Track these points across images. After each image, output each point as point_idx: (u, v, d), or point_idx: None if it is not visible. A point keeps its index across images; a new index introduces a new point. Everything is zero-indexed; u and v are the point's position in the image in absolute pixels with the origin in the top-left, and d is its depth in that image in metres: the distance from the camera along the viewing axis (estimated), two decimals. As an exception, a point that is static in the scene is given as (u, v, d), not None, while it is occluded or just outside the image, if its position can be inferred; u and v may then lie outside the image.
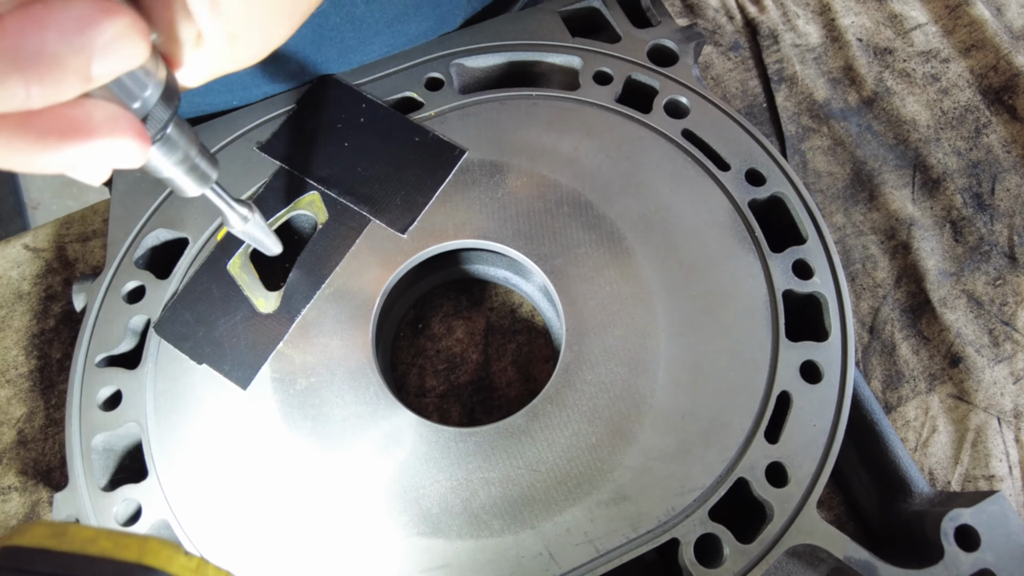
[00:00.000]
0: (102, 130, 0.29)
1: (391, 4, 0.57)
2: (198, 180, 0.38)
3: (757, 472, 0.47)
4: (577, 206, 0.54)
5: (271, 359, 0.51)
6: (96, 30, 0.26)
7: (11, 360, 0.61)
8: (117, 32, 0.27)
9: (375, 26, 0.58)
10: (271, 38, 0.35)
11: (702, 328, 0.50)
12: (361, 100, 0.58)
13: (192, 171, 0.37)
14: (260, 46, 0.35)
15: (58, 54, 0.25)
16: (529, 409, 0.49)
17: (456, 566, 0.46)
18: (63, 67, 0.26)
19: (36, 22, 0.25)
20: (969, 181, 0.65)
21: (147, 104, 0.32)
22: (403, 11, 0.58)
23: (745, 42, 0.73)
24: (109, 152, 0.29)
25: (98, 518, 0.48)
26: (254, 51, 0.35)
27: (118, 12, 0.27)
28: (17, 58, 0.25)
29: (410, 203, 0.55)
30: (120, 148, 0.30)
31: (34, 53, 0.25)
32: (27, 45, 0.25)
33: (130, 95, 0.31)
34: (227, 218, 0.43)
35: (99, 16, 0.26)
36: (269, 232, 0.48)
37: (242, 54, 0.34)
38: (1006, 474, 0.55)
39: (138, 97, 0.31)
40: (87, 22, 0.26)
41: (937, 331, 0.60)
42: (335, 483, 0.48)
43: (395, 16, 0.58)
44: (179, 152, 0.36)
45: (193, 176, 0.37)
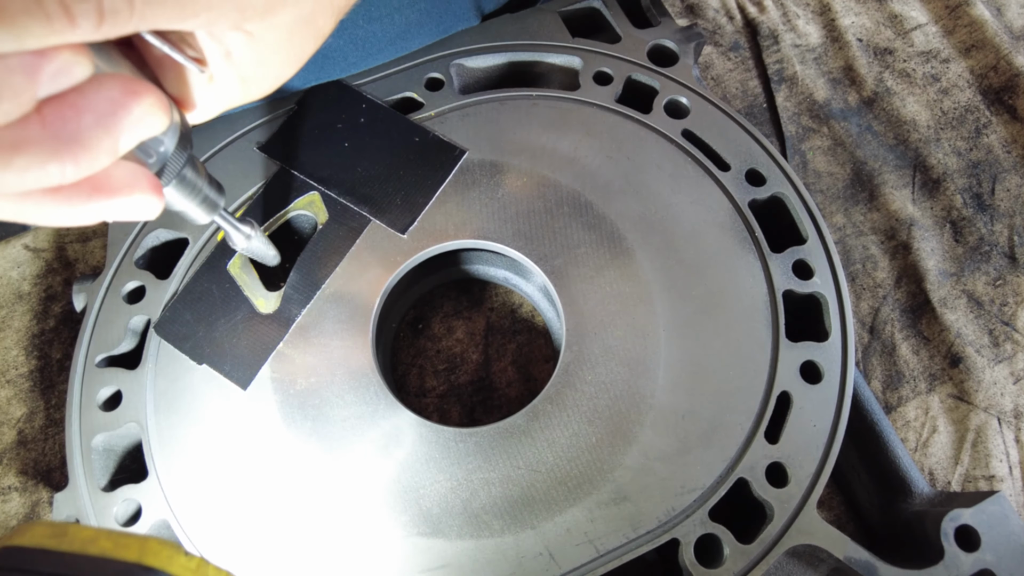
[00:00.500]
0: (122, 189, 0.31)
1: (393, 24, 0.57)
2: (208, 210, 0.41)
3: (757, 472, 0.47)
4: (577, 206, 0.54)
5: (271, 359, 0.51)
6: (125, 111, 0.29)
7: (11, 360, 0.62)
8: (143, 111, 0.29)
9: (377, 44, 0.58)
10: (280, 77, 0.37)
11: (702, 328, 0.50)
12: (361, 100, 0.58)
13: (203, 203, 0.40)
14: (270, 84, 0.37)
15: (92, 137, 0.28)
16: (529, 409, 0.49)
17: (456, 566, 0.46)
18: (97, 148, 0.28)
19: (74, 110, 0.27)
20: (969, 181, 0.65)
21: (163, 157, 0.35)
22: (405, 30, 0.58)
23: (745, 42, 0.73)
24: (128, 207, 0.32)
25: (98, 518, 0.48)
26: (264, 89, 0.37)
27: (144, 92, 0.29)
28: (57, 145, 0.27)
29: (410, 203, 0.55)
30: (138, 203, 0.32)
31: (71, 139, 0.27)
32: (65, 132, 0.27)
33: (147, 153, 0.34)
34: (231, 237, 0.47)
35: (128, 99, 0.28)
36: (270, 245, 0.51)
37: (252, 92, 0.36)
38: (1006, 474, 0.55)
39: (154, 153, 0.34)
40: (118, 105, 0.28)
41: (937, 331, 0.60)
42: (335, 483, 0.48)
43: (397, 35, 0.58)
44: (191, 188, 0.39)
45: (204, 207, 0.40)
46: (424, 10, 0.58)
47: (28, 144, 0.26)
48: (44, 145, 0.27)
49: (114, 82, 0.29)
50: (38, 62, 0.25)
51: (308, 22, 0.35)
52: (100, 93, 0.28)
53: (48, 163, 0.27)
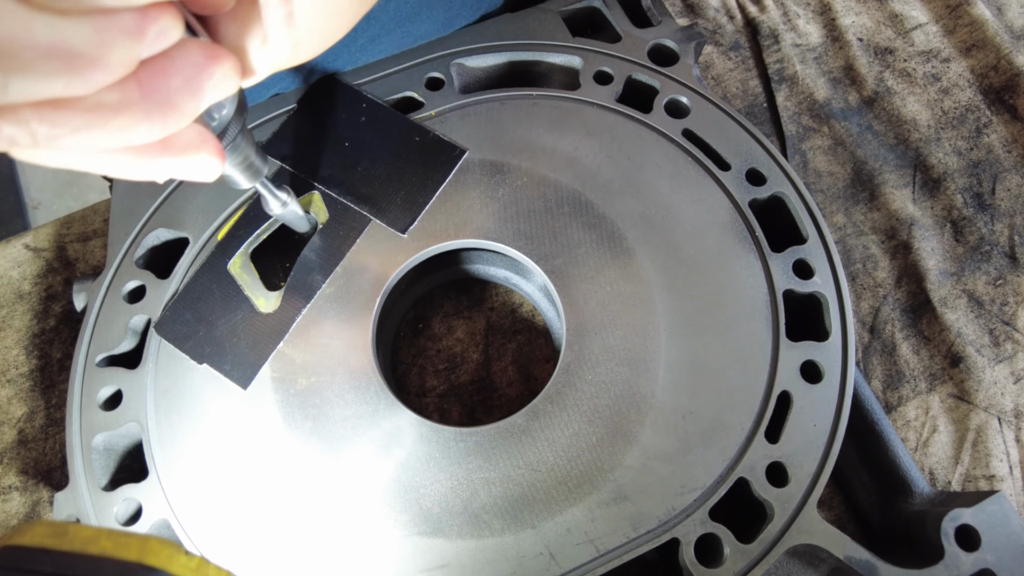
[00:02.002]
0: (189, 148, 0.33)
1: (404, 4, 0.57)
2: (252, 176, 0.42)
3: (757, 472, 0.47)
4: (577, 206, 0.54)
5: (271, 359, 0.51)
6: (208, 75, 0.30)
7: (12, 360, 0.62)
8: (223, 75, 0.31)
9: (387, 25, 0.58)
10: (329, 42, 0.38)
11: (703, 328, 0.50)
12: (362, 100, 0.58)
13: (248, 168, 0.42)
14: (319, 47, 0.37)
15: (179, 100, 0.29)
16: (529, 409, 0.49)
17: (456, 566, 0.46)
18: (181, 110, 0.30)
19: (164, 73, 0.28)
20: (970, 181, 0.65)
21: (223, 121, 0.36)
22: (415, 10, 0.58)
23: (746, 42, 0.72)
24: (193, 166, 0.34)
25: (99, 518, 0.48)
26: (312, 51, 0.37)
27: (223, 56, 0.31)
28: (149, 106, 0.28)
29: (411, 203, 0.55)
30: (202, 163, 0.34)
31: (163, 101, 0.29)
32: (158, 94, 0.28)
33: (210, 116, 0.36)
34: (268, 203, 0.48)
35: (210, 63, 0.30)
36: (301, 213, 0.52)
37: (301, 54, 0.37)
38: (1006, 474, 0.55)
39: (217, 116, 0.36)
40: (201, 69, 0.30)
41: (938, 331, 0.60)
42: (335, 483, 0.48)
43: (406, 15, 0.58)
44: (241, 155, 0.40)
45: (249, 173, 0.42)
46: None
47: (126, 105, 0.28)
48: (139, 106, 0.28)
49: (197, 47, 0.30)
50: (144, 23, 0.26)
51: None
52: (186, 57, 0.29)
53: (140, 124, 0.28)
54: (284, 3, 0.33)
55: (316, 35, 0.36)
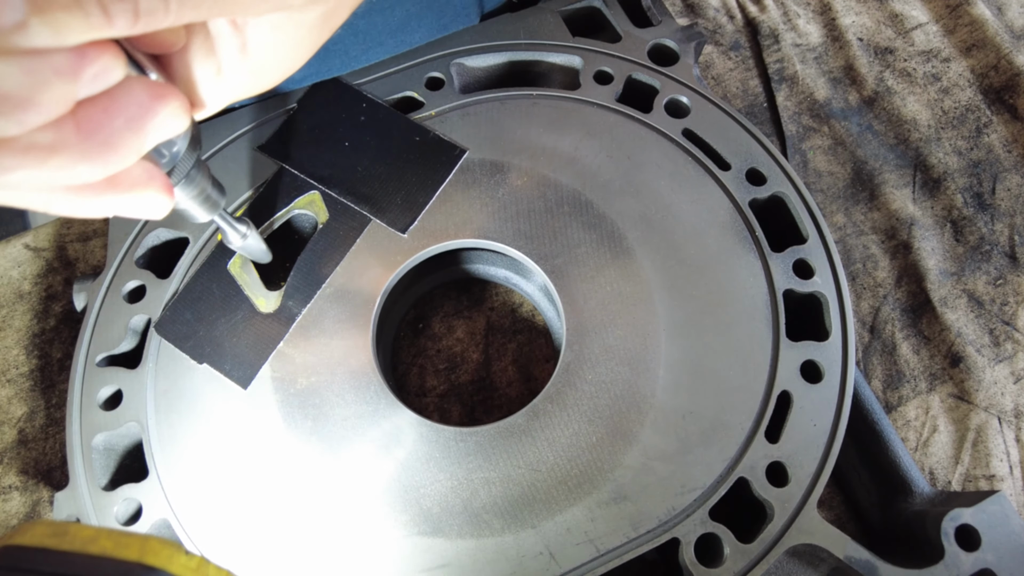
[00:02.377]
0: (135, 185, 0.32)
1: (393, 15, 0.57)
2: (209, 209, 0.42)
3: (757, 472, 0.47)
4: (577, 206, 0.54)
5: (271, 359, 0.51)
6: (152, 114, 0.29)
7: (12, 360, 0.62)
8: (169, 114, 0.30)
9: (378, 36, 0.58)
10: (289, 70, 0.37)
11: (703, 328, 0.50)
12: (361, 100, 0.58)
13: (205, 201, 0.41)
14: (278, 77, 0.37)
15: (121, 140, 0.28)
16: (529, 409, 0.49)
17: (457, 565, 0.46)
18: (125, 150, 0.29)
19: (106, 113, 0.28)
20: (970, 181, 0.65)
21: (175, 157, 0.36)
22: (405, 22, 0.58)
23: (746, 42, 0.72)
24: (139, 203, 0.33)
25: (99, 517, 0.48)
26: (271, 81, 0.37)
27: (169, 95, 0.30)
28: (89, 146, 0.28)
29: (411, 203, 0.55)
30: (150, 200, 0.33)
31: (103, 141, 0.28)
32: (98, 135, 0.28)
33: (160, 153, 0.35)
34: (228, 236, 0.47)
35: (155, 103, 0.29)
36: (263, 244, 0.51)
37: (260, 85, 0.36)
38: (1007, 474, 0.55)
39: (167, 153, 0.36)
40: (145, 108, 0.29)
41: (938, 331, 0.60)
42: (335, 482, 0.48)
43: (397, 26, 0.58)
44: (196, 188, 0.40)
45: (206, 206, 0.41)
46: (424, 3, 0.58)
47: (63, 145, 0.27)
48: (77, 147, 0.27)
49: (141, 86, 0.29)
50: (80, 63, 0.26)
51: (330, 16, 0.35)
52: (129, 96, 0.28)
53: (78, 164, 0.28)
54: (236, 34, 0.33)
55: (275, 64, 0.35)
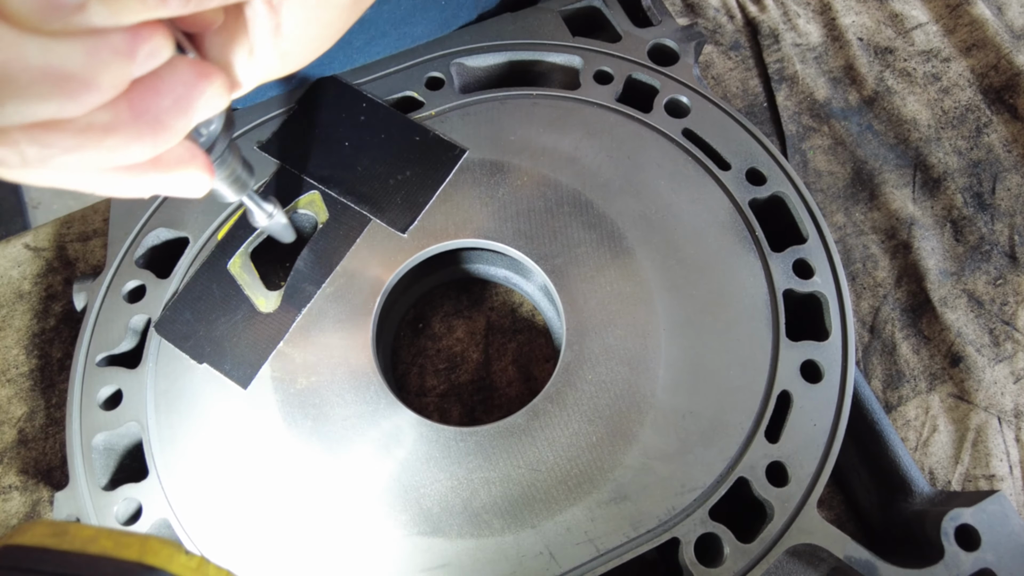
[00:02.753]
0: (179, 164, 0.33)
1: (398, 6, 0.57)
2: (239, 189, 0.42)
3: (757, 471, 0.47)
4: (577, 205, 0.54)
5: (271, 358, 0.51)
6: (198, 93, 0.30)
7: (12, 359, 0.62)
8: (213, 92, 0.31)
9: (382, 27, 0.58)
10: (317, 52, 0.37)
11: (703, 327, 0.50)
12: (361, 99, 0.58)
13: (235, 182, 0.41)
14: (308, 58, 0.37)
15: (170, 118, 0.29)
16: (529, 408, 0.49)
17: (456, 565, 0.46)
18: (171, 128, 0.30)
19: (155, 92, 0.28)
20: (970, 180, 0.65)
21: (211, 136, 0.36)
22: (409, 13, 0.58)
23: (746, 41, 0.72)
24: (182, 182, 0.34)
25: (99, 517, 0.48)
26: (301, 61, 0.37)
27: (213, 74, 0.31)
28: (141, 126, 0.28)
29: (410, 202, 0.55)
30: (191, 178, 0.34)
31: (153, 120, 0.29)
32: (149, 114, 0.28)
33: (198, 132, 0.36)
34: (254, 216, 0.48)
35: (200, 81, 0.30)
36: (288, 225, 0.51)
37: (289, 65, 0.37)
38: (1006, 474, 0.55)
39: (204, 132, 0.36)
40: (191, 87, 0.29)
41: (938, 331, 0.60)
42: (335, 482, 0.48)
43: (401, 18, 0.58)
44: (228, 168, 0.40)
45: (236, 187, 0.42)
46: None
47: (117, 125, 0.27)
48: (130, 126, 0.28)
49: (186, 65, 0.30)
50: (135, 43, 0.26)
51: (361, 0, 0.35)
52: (176, 76, 0.29)
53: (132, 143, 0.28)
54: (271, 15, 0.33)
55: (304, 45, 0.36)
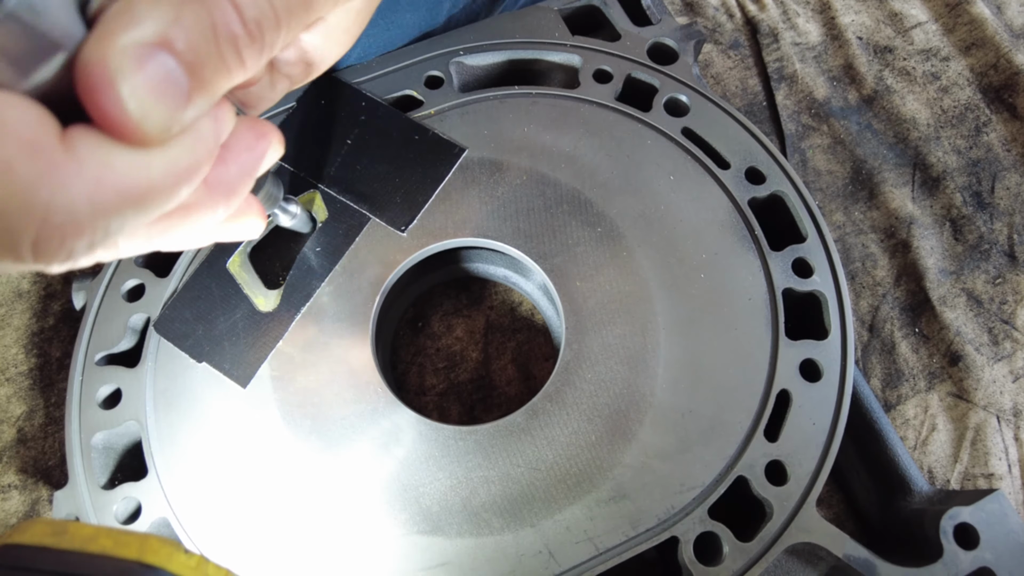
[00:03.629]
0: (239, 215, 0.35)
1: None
2: (270, 205, 0.43)
3: (757, 470, 0.47)
4: (577, 204, 0.54)
5: (271, 357, 0.51)
6: (260, 154, 0.31)
7: (11, 358, 0.61)
8: (272, 150, 0.32)
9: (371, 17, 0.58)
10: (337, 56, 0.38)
11: (702, 326, 0.50)
12: (361, 98, 0.58)
13: (267, 199, 0.42)
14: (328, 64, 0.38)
15: (239, 184, 0.30)
16: (529, 407, 0.49)
17: (456, 564, 0.46)
18: (242, 192, 0.31)
19: (224, 164, 0.29)
20: (969, 179, 0.65)
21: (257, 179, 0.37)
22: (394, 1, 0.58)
23: (745, 40, 0.72)
24: (242, 230, 0.35)
25: (98, 516, 0.48)
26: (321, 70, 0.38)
27: (269, 132, 0.32)
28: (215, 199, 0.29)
29: (410, 201, 0.55)
30: (249, 225, 0.36)
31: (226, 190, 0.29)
32: (219, 188, 0.30)
33: None
34: (279, 219, 0.49)
35: (260, 143, 0.31)
36: (307, 220, 0.53)
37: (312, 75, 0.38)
38: (1005, 472, 0.55)
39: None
40: (253, 150, 0.30)
41: (937, 329, 0.60)
42: (335, 481, 0.48)
43: (388, 5, 0.58)
44: (264, 191, 0.41)
45: (267, 203, 0.43)
46: None
47: (196, 204, 0.28)
48: (206, 201, 0.29)
49: (245, 128, 0.30)
50: (218, 124, 0.27)
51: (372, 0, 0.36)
52: (240, 143, 0.30)
53: (207, 215, 0.29)
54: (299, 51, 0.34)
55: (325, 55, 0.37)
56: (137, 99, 0.22)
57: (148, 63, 0.22)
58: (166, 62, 0.23)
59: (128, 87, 0.22)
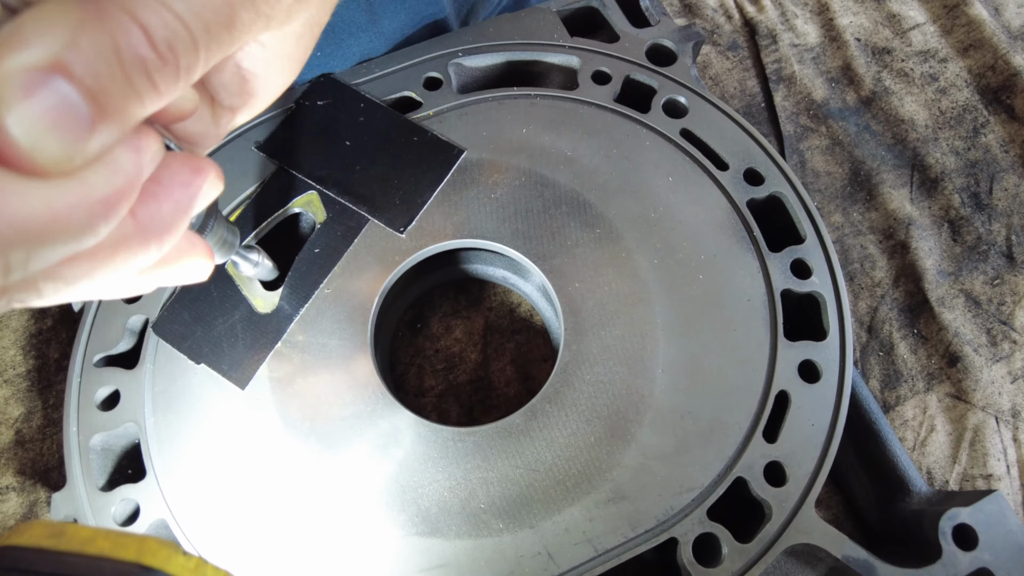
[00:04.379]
0: (180, 256, 0.33)
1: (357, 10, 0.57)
2: (226, 252, 0.42)
3: (755, 471, 0.47)
4: (576, 205, 0.54)
5: (269, 359, 0.51)
6: (196, 190, 0.29)
7: (9, 360, 0.61)
8: (209, 187, 0.30)
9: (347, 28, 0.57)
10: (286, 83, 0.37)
11: (700, 327, 0.51)
12: (360, 99, 0.58)
13: (223, 246, 0.41)
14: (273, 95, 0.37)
15: (172, 221, 0.29)
16: (528, 409, 0.49)
17: (455, 565, 0.46)
18: (176, 230, 0.29)
19: (155, 199, 0.28)
20: (967, 181, 0.65)
21: (200, 217, 0.36)
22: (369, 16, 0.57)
23: (743, 42, 0.73)
24: (187, 271, 0.34)
25: (96, 518, 0.48)
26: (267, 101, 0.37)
27: (206, 167, 0.30)
28: (145, 236, 0.27)
29: (409, 203, 0.55)
30: (195, 266, 0.34)
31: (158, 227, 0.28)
32: (152, 222, 0.28)
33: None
34: (240, 267, 0.49)
35: (196, 178, 0.29)
36: (272, 267, 0.52)
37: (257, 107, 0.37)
38: (1004, 473, 0.55)
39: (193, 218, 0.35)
40: (188, 186, 0.29)
41: (935, 330, 0.60)
42: (333, 483, 0.48)
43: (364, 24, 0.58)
44: (216, 236, 0.40)
45: (223, 249, 0.41)
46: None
47: (125, 241, 0.27)
48: (137, 238, 0.27)
49: (179, 163, 0.29)
50: (139, 154, 0.25)
51: (314, 23, 0.35)
52: (173, 178, 0.28)
53: (138, 254, 0.27)
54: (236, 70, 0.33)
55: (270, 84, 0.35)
56: (25, 128, 0.21)
57: (38, 90, 0.21)
58: (61, 88, 0.21)
59: (14, 116, 0.20)
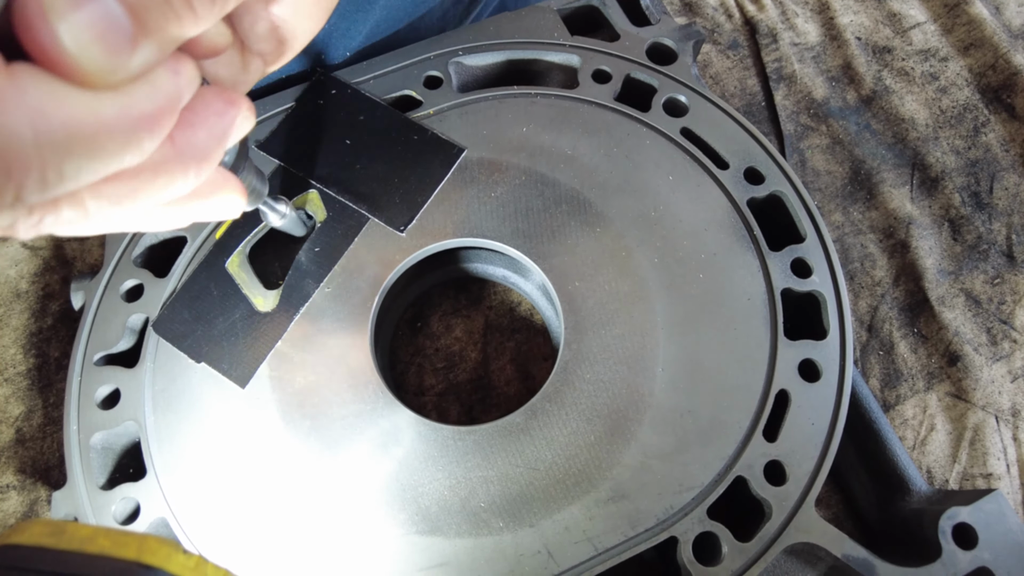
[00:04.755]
0: (215, 190, 0.33)
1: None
2: (255, 199, 0.43)
3: (755, 470, 0.47)
4: (576, 204, 0.54)
5: (270, 357, 0.51)
6: (230, 120, 0.30)
7: (9, 359, 0.61)
8: (243, 118, 0.31)
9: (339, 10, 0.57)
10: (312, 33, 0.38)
11: (701, 326, 0.51)
12: (360, 98, 0.58)
13: (252, 193, 0.42)
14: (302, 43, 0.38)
15: (208, 149, 0.30)
16: (528, 408, 0.49)
17: (455, 564, 0.46)
18: (210, 158, 0.30)
19: (191, 126, 0.29)
20: (967, 180, 0.65)
21: (232, 155, 0.37)
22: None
23: (744, 40, 0.72)
24: (219, 206, 0.34)
25: (96, 516, 0.48)
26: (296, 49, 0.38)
27: (239, 100, 0.31)
28: (185, 160, 0.29)
29: (409, 201, 0.55)
30: (227, 201, 0.35)
31: (194, 153, 0.29)
32: (189, 148, 0.29)
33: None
34: (269, 218, 0.48)
35: (229, 109, 0.30)
36: (299, 219, 0.52)
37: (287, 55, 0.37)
38: (1004, 472, 0.55)
39: (226, 155, 0.37)
40: (222, 116, 0.30)
41: (935, 330, 0.60)
42: (333, 481, 0.48)
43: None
44: (247, 182, 0.40)
45: (252, 197, 0.42)
46: None
47: (164, 165, 0.28)
48: (176, 163, 0.28)
49: (213, 94, 0.30)
50: (177, 77, 0.26)
51: None
52: (208, 107, 0.29)
53: (178, 179, 0.29)
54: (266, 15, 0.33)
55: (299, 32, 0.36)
56: (74, 38, 0.22)
57: (86, 2, 0.22)
58: (105, 3, 0.22)
59: (64, 25, 0.22)
